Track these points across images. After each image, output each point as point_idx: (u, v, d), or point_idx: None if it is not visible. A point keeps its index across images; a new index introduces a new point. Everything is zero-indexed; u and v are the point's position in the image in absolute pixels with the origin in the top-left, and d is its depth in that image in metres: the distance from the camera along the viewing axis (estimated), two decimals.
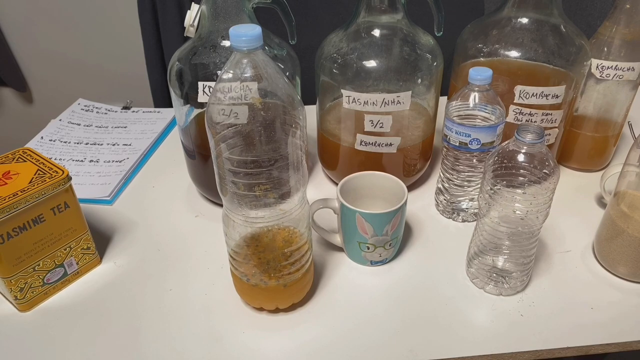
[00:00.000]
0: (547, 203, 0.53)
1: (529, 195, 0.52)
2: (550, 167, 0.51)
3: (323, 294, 0.58)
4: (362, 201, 0.62)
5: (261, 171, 0.45)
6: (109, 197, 0.74)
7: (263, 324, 0.55)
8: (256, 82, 0.43)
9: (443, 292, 0.58)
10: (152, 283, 0.60)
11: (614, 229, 0.58)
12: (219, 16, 0.60)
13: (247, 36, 0.41)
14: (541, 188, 0.52)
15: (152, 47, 1.20)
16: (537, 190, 0.52)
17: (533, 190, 0.52)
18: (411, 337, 0.53)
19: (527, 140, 0.50)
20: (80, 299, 0.59)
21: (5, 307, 0.57)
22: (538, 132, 0.50)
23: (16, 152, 0.59)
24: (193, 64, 0.62)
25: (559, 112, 0.69)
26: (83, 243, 0.60)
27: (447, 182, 0.67)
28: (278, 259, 0.51)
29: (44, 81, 1.46)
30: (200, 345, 0.52)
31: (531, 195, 0.52)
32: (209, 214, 0.71)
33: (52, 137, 0.89)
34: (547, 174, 0.51)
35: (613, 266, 0.60)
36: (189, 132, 0.67)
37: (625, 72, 0.68)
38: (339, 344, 0.53)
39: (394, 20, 0.64)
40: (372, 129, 0.66)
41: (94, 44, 1.39)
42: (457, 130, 0.61)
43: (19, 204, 0.52)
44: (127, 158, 0.83)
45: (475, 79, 0.59)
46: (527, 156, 0.51)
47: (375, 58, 0.64)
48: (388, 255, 0.62)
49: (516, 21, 0.67)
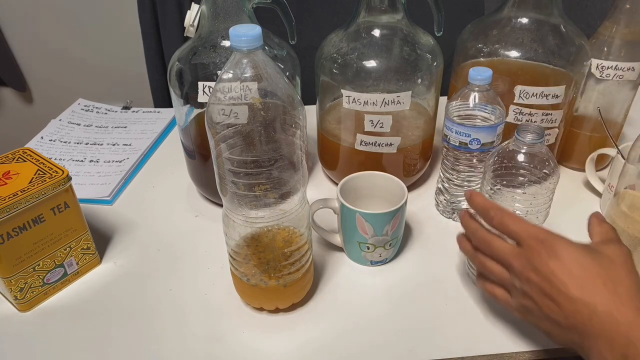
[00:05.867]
0: (547, 203, 0.53)
1: (529, 195, 0.52)
2: (550, 167, 0.51)
3: (323, 294, 0.58)
4: (362, 201, 0.62)
5: (261, 171, 0.45)
6: (109, 197, 0.74)
7: (263, 324, 0.55)
8: (256, 82, 0.43)
9: (443, 292, 0.58)
10: (152, 283, 0.60)
11: None
12: (219, 16, 0.60)
13: (247, 36, 0.41)
14: (541, 188, 0.52)
15: (152, 47, 1.20)
16: (537, 190, 0.52)
17: (533, 190, 0.52)
18: (411, 337, 0.53)
19: (527, 140, 0.50)
20: (80, 299, 0.59)
21: (5, 307, 0.57)
22: (538, 132, 0.50)
23: (16, 152, 0.59)
24: (193, 64, 0.62)
25: (559, 112, 0.69)
26: (83, 243, 0.60)
27: (447, 182, 0.67)
28: (278, 259, 0.51)
29: (44, 81, 1.46)
30: (200, 345, 0.52)
31: (531, 195, 0.52)
32: (209, 214, 0.71)
33: (52, 137, 0.89)
34: (547, 173, 0.51)
35: None
36: (189, 132, 0.67)
37: (625, 72, 0.68)
38: (339, 344, 0.53)
39: (394, 20, 0.64)
40: (372, 129, 0.66)
41: (94, 44, 1.39)
42: (457, 130, 0.61)
43: (19, 204, 0.52)
44: (127, 158, 0.83)
45: (475, 79, 0.59)
46: (527, 156, 0.51)
47: (375, 58, 0.64)
48: (388, 255, 0.62)
49: (516, 21, 0.67)
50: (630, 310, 0.39)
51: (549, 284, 0.42)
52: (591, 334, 0.40)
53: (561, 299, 0.42)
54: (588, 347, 0.40)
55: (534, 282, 0.43)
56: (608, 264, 0.43)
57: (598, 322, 0.40)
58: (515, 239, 0.46)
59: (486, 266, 0.49)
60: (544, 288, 0.43)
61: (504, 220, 0.47)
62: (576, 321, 0.41)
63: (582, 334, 0.41)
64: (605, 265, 0.43)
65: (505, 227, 0.47)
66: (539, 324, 0.45)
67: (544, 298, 0.43)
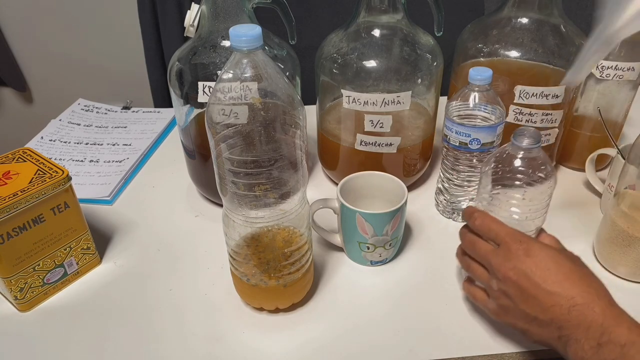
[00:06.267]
0: (544, 207, 0.53)
1: (527, 199, 0.51)
2: (547, 170, 0.51)
3: (323, 294, 0.58)
4: (362, 201, 0.62)
5: (261, 171, 0.45)
6: (109, 197, 0.74)
7: (263, 324, 0.55)
8: (256, 82, 0.43)
9: (443, 292, 0.58)
10: (152, 283, 0.60)
11: (614, 229, 0.58)
12: (219, 16, 0.60)
13: (247, 36, 0.41)
14: (538, 192, 0.51)
15: (152, 47, 1.20)
16: (534, 195, 0.51)
17: (530, 195, 0.51)
18: (411, 337, 0.53)
19: (524, 144, 0.50)
20: (80, 299, 0.59)
21: (5, 307, 0.57)
22: (535, 137, 0.50)
23: (16, 152, 0.59)
24: (193, 64, 0.62)
25: (558, 112, 0.69)
26: (83, 243, 0.60)
27: (447, 182, 0.67)
28: (278, 259, 0.51)
29: (44, 81, 1.46)
30: (200, 345, 0.52)
31: (528, 200, 0.51)
32: (209, 214, 0.71)
33: (52, 137, 0.89)
34: (544, 177, 0.51)
35: (613, 266, 0.60)
36: (189, 132, 0.67)
37: (625, 72, 0.68)
38: (339, 344, 0.53)
39: (394, 20, 0.64)
40: (372, 129, 0.66)
41: (94, 44, 1.39)
42: (457, 130, 0.61)
43: (19, 204, 0.52)
44: (127, 158, 0.83)
45: (475, 79, 0.59)
46: (524, 161, 0.51)
47: (375, 58, 0.64)
48: (388, 255, 0.62)
49: (516, 21, 0.67)
50: (604, 301, 0.43)
51: (527, 280, 0.45)
52: (570, 324, 0.43)
53: (539, 294, 0.44)
54: (566, 337, 0.43)
55: (511, 280, 0.46)
56: (579, 262, 0.47)
57: (577, 313, 0.42)
58: (494, 240, 0.49)
59: (470, 268, 0.52)
60: (521, 285, 0.45)
61: (485, 222, 0.50)
62: (554, 315, 0.43)
63: (560, 327, 0.43)
64: (577, 263, 0.47)
65: (485, 227, 0.50)
66: (516, 323, 0.47)
67: (522, 294, 0.45)
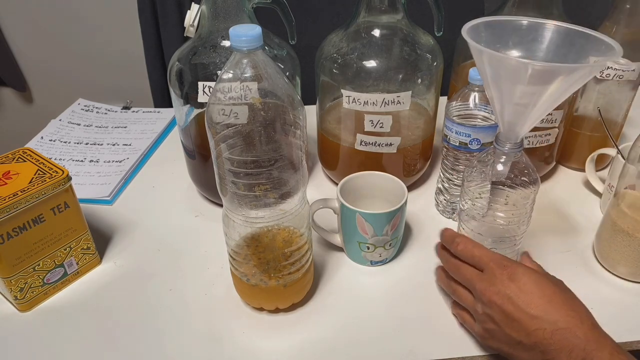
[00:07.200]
0: (528, 213, 0.52)
1: (510, 204, 0.51)
2: (530, 175, 0.50)
3: (323, 294, 0.58)
4: (362, 201, 0.62)
5: (261, 171, 0.45)
6: (109, 197, 0.74)
7: (263, 324, 0.55)
8: (256, 82, 0.43)
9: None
10: (152, 283, 0.60)
11: (614, 229, 0.58)
12: (219, 16, 0.60)
13: (247, 36, 0.41)
14: (522, 197, 0.51)
15: (152, 47, 1.20)
16: (517, 200, 0.51)
17: (514, 199, 0.51)
18: (411, 337, 0.53)
19: (506, 149, 0.49)
20: (80, 299, 0.59)
21: (5, 307, 0.57)
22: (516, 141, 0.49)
23: (16, 152, 0.59)
24: (193, 64, 0.62)
25: (558, 112, 0.69)
26: (83, 243, 0.60)
27: (447, 182, 0.67)
28: (278, 259, 0.51)
29: (44, 81, 1.46)
30: (200, 345, 0.52)
31: (512, 205, 0.51)
32: (209, 214, 0.71)
33: (52, 137, 0.89)
34: (528, 182, 0.50)
35: (613, 266, 0.60)
36: (189, 132, 0.67)
37: (625, 72, 0.68)
38: (338, 344, 0.53)
39: (394, 20, 0.64)
40: (372, 129, 0.66)
41: (94, 44, 1.39)
42: (457, 130, 0.61)
43: (19, 204, 0.52)
44: (127, 158, 0.83)
45: (475, 79, 0.59)
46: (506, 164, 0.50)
47: (375, 58, 0.64)
48: (388, 255, 0.62)
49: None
50: (586, 325, 0.43)
51: (511, 304, 0.45)
52: (553, 349, 0.43)
53: (523, 318, 0.44)
54: None
55: (496, 304, 0.46)
56: (562, 287, 0.47)
57: (559, 338, 0.43)
58: (478, 265, 0.49)
59: (456, 292, 0.52)
60: (506, 309, 0.45)
61: (467, 247, 0.50)
62: (537, 339, 0.43)
63: (544, 351, 0.43)
64: (560, 287, 0.47)
65: (468, 253, 0.50)
66: (501, 347, 0.47)
67: (506, 318, 0.45)
